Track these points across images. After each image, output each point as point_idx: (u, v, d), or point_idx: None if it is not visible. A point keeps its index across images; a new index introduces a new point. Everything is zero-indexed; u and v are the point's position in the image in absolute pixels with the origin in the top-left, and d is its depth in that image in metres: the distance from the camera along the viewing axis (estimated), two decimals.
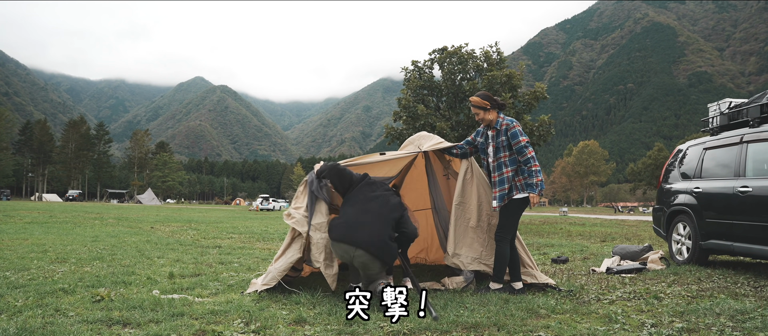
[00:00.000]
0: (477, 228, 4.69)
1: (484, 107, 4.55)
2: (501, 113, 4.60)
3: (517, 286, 4.43)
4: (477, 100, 4.55)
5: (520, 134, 4.43)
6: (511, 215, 4.44)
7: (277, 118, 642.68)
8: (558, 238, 12.20)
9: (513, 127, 4.44)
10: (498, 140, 4.50)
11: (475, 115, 4.63)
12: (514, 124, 4.47)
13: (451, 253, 4.63)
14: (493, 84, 17.75)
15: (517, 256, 4.51)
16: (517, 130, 4.44)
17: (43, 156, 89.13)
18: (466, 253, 4.65)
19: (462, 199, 4.70)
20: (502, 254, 4.41)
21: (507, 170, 4.44)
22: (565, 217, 31.66)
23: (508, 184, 4.44)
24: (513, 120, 4.50)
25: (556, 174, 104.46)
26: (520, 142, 4.40)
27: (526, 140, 4.43)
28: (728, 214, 5.81)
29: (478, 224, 4.70)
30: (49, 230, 11.78)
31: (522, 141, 4.40)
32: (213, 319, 3.43)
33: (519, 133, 4.43)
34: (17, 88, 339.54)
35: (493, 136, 4.54)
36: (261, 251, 8.14)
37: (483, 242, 4.69)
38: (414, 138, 5.19)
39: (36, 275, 5.11)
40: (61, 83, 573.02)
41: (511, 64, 20.59)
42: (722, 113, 6.87)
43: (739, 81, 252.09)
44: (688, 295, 4.51)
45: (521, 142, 4.40)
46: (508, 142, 4.45)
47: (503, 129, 4.47)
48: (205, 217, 24.06)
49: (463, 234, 4.68)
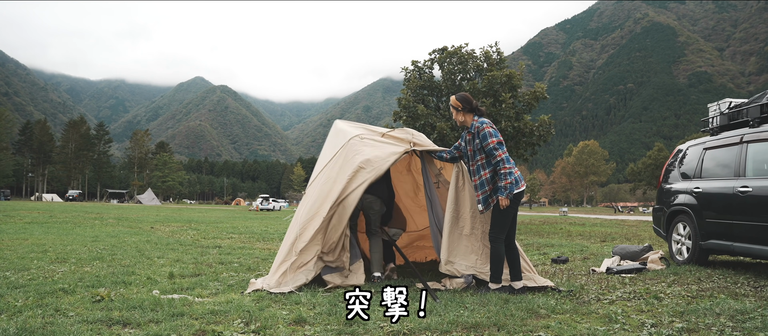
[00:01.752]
0: (471, 236, 4.70)
1: (456, 108, 4.55)
2: (477, 116, 4.54)
3: (517, 286, 4.43)
4: (452, 100, 4.56)
5: (491, 135, 4.35)
6: (499, 215, 4.40)
7: (277, 118, 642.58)
8: (558, 238, 12.20)
9: (483, 129, 4.39)
10: (473, 143, 4.47)
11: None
12: (486, 125, 4.40)
13: (445, 260, 4.64)
14: (493, 84, 17.75)
15: (516, 255, 4.49)
16: (488, 131, 4.37)
17: (43, 156, 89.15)
18: (460, 262, 4.67)
19: (455, 207, 4.71)
20: (497, 254, 4.39)
21: (484, 173, 4.41)
22: (565, 217, 31.66)
23: (488, 186, 4.41)
24: (485, 121, 4.44)
25: (556, 174, 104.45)
26: (489, 143, 4.33)
27: (497, 141, 4.34)
28: (728, 214, 5.81)
29: (472, 232, 4.71)
30: (49, 230, 11.78)
31: (491, 142, 4.33)
32: (213, 319, 3.43)
33: (489, 134, 4.35)
34: (17, 88, 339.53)
35: (469, 139, 4.53)
36: (261, 251, 8.14)
37: (477, 250, 4.69)
38: (410, 131, 5.22)
39: (36, 275, 5.11)
40: (61, 83, 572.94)
41: (511, 64, 20.58)
42: (722, 113, 6.87)
43: (739, 81, 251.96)
44: (688, 295, 4.51)
45: (490, 143, 4.33)
46: (481, 144, 4.40)
47: (476, 131, 4.43)
48: (205, 217, 24.06)
49: (457, 242, 4.69)
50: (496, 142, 4.33)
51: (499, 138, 4.37)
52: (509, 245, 4.50)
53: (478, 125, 4.42)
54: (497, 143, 4.33)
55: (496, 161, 4.31)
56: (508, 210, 4.37)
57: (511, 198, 4.30)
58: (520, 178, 4.38)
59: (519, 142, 18.10)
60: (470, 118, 4.55)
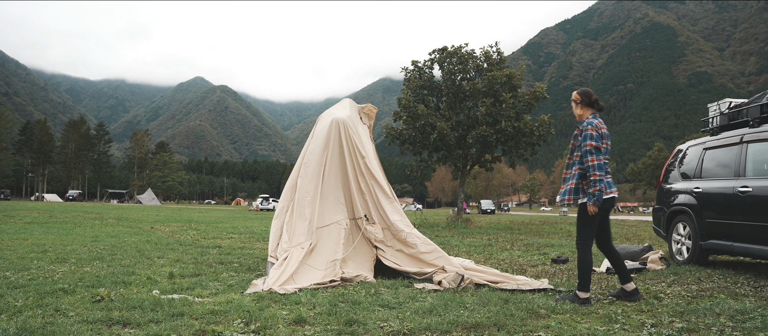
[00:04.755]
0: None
1: (575, 101, 4.41)
2: (594, 114, 4.36)
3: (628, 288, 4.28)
4: (573, 95, 4.45)
5: (591, 139, 4.16)
6: (583, 221, 4.29)
7: (277, 118, 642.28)
8: (558, 238, 12.20)
9: (586, 130, 4.21)
10: (577, 139, 4.31)
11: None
12: (590, 127, 4.20)
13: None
14: (493, 84, 17.75)
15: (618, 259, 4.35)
16: (589, 133, 4.18)
17: (43, 156, 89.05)
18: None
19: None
20: (584, 261, 4.20)
21: (574, 170, 4.30)
22: (565, 217, 31.65)
23: (569, 184, 4.31)
24: (592, 123, 4.23)
25: (556, 174, 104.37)
26: (586, 145, 4.18)
27: (594, 146, 4.15)
28: (728, 214, 5.81)
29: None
30: (49, 230, 11.78)
31: (588, 145, 4.16)
32: (213, 319, 3.43)
33: (588, 136, 4.18)
34: (17, 88, 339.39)
35: (576, 134, 4.37)
36: (261, 251, 8.13)
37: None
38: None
39: (36, 275, 5.11)
40: (61, 83, 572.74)
41: (511, 64, 20.57)
42: (722, 113, 6.87)
43: (739, 81, 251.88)
44: (688, 295, 4.51)
45: (587, 146, 4.17)
46: (580, 143, 4.26)
47: (582, 129, 4.27)
48: (205, 217, 24.06)
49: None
50: (593, 146, 4.15)
51: (598, 144, 4.17)
52: (610, 251, 4.39)
53: (585, 125, 4.25)
54: (593, 148, 4.15)
55: (587, 165, 4.16)
56: (593, 217, 4.22)
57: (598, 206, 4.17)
58: (610, 185, 4.23)
59: (519, 142, 18.10)
60: (587, 113, 4.37)
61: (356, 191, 5.66)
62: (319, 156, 5.71)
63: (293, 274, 4.74)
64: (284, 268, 4.84)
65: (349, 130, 5.79)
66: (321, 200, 5.53)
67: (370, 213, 5.61)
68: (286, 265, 4.90)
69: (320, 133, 5.87)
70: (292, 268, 4.82)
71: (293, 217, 5.50)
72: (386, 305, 3.90)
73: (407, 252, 5.32)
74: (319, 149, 5.74)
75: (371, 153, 5.95)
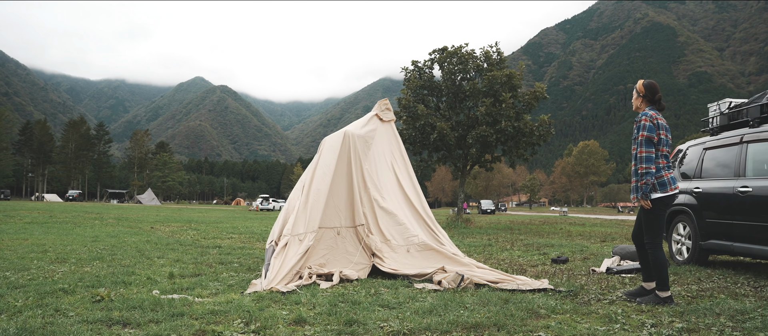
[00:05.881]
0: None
1: (638, 92, 4.30)
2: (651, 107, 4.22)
3: (648, 287, 4.26)
4: (638, 84, 4.33)
5: (642, 129, 4.05)
6: (644, 217, 4.17)
7: (277, 118, 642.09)
8: (558, 238, 12.21)
9: (640, 121, 4.11)
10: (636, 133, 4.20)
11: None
12: (644, 117, 4.09)
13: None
14: (493, 84, 17.75)
15: (647, 256, 4.28)
16: (642, 123, 4.08)
17: (43, 156, 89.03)
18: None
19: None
20: (658, 260, 4.09)
21: (633, 163, 4.20)
22: (565, 217, 31.66)
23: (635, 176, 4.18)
24: (647, 113, 4.12)
25: (556, 174, 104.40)
26: (637, 137, 4.08)
27: (644, 136, 4.03)
28: (728, 214, 5.81)
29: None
30: (49, 230, 11.78)
31: (639, 136, 4.06)
32: (213, 319, 3.43)
33: (641, 127, 4.07)
34: (17, 88, 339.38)
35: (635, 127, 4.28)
36: (261, 251, 8.13)
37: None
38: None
39: (36, 275, 5.11)
40: (61, 83, 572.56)
41: (511, 64, 20.57)
42: (722, 113, 6.87)
43: (739, 81, 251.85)
44: (688, 295, 4.51)
45: (638, 137, 4.06)
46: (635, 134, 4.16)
47: (638, 120, 4.18)
48: (205, 217, 24.06)
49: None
50: (644, 137, 4.03)
51: (650, 135, 4.03)
52: (640, 244, 4.32)
53: (640, 116, 4.14)
54: (644, 139, 4.03)
55: (633, 155, 4.06)
56: (654, 212, 4.07)
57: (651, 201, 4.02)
58: (670, 181, 4.07)
59: (519, 142, 18.10)
60: (643, 105, 4.28)
61: (359, 201, 5.87)
62: (333, 163, 5.95)
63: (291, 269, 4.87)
64: (282, 260, 4.93)
65: (357, 143, 6.09)
66: (326, 203, 5.66)
67: (368, 222, 5.76)
68: (284, 258, 4.97)
69: (334, 144, 6.13)
70: (290, 264, 4.88)
71: (297, 211, 5.62)
72: (386, 305, 3.90)
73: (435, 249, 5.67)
74: (334, 157, 5.97)
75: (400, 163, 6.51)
